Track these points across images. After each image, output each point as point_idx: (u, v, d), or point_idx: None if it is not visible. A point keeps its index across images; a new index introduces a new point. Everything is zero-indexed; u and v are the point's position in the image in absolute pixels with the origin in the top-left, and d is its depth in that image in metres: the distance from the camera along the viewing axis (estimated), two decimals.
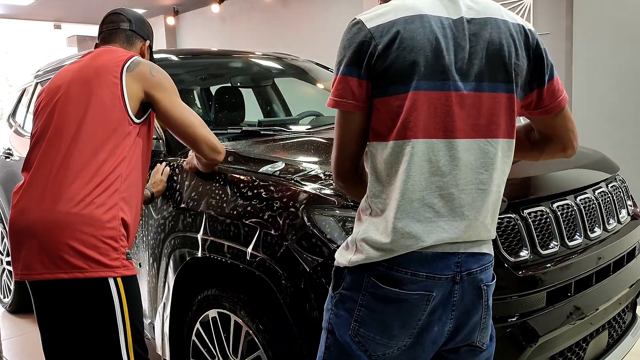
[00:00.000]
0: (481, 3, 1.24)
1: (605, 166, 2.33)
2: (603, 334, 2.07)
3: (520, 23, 1.26)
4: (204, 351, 2.16)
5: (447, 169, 1.18)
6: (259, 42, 8.29)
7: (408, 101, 1.15)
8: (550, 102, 1.29)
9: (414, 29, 1.16)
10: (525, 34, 1.25)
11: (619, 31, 4.51)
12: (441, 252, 1.20)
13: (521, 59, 1.23)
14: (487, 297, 1.28)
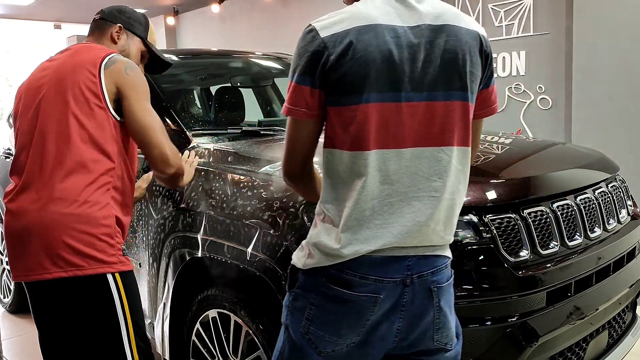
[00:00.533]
0: (439, 10, 1.23)
1: (605, 166, 2.33)
2: (603, 334, 2.07)
3: (476, 30, 1.26)
4: (204, 351, 2.16)
5: (396, 177, 1.21)
6: (259, 42, 8.29)
7: (359, 113, 1.17)
8: (487, 105, 1.34)
9: (367, 40, 1.16)
10: (480, 40, 1.25)
11: (619, 31, 4.51)
12: (391, 255, 1.23)
13: (476, 66, 1.24)
14: (439, 299, 1.29)
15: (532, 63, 5.34)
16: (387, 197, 1.21)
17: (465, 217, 1.70)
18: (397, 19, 1.20)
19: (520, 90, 5.42)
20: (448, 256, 1.32)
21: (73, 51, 1.86)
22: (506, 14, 5.44)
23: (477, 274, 1.67)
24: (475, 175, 1.96)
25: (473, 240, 1.68)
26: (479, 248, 1.68)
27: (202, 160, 2.23)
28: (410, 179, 1.21)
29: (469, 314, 1.66)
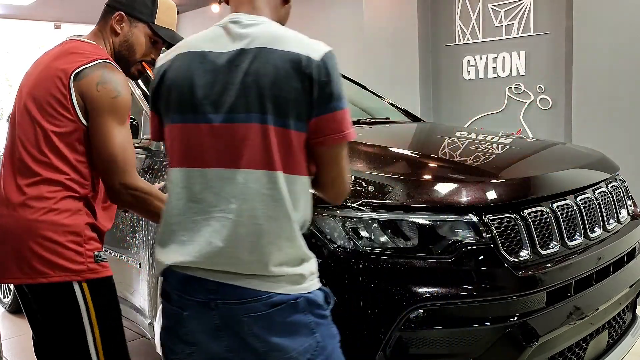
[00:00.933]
0: (259, 34, 1.26)
1: (605, 166, 2.33)
2: (603, 334, 2.07)
3: (296, 52, 1.22)
4: None
5: (201, 196, 1.26)
6: None
7: (169, 132, 1.31)
8: (326, 134, 1.26)
9: (178, 66, 1.29)
10: (299, 63, 1.21)
11: (619, 31, 4.50)
12: (192, 275, 1.27)
13: (286, 90, 1.21)
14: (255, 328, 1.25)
15: (532, 63, 5.34)
16: (194, 215, 1.27)
17: (465, 217, 1.70)
18: (214, 45, 1.27)
19: (520, 90, 5.42)
20: (261, 290, 1.25)
21: (58, 52, 1.79)
22: (506, 14, 5.44)
23: (477, 274, 1.67)
24: (475, 175, 1.96)
25: (473, 240, 1.68)
26: (479, 248, 1.68)
27: None
28: (215, 199, 1.25)
29: (469, 314, 1.66)
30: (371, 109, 3.46)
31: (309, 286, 1.30)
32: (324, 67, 1.23)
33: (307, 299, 1.28)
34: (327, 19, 7.37)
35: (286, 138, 1.23)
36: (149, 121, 2.47)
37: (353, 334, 1.65)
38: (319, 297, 1.32)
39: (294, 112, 1.22)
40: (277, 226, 1.24)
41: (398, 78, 6.07)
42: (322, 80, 1.22)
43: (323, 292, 1.34)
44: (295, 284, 1.27)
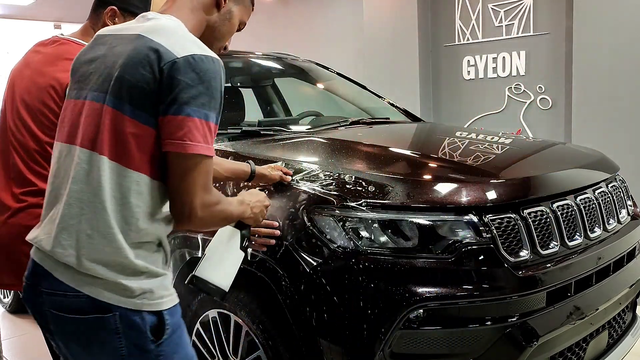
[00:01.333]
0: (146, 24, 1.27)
1: (605, 166, 2.33)
2: (603, 334, 2.07)
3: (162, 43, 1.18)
4: (204, 351, 2.15)
5: (61, 172, 1.24)
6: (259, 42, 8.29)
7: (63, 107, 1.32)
8: (167, 137, 1.17)
9: (85, 49, 1.35)
10: (159, 53, 1.17)
11: (619, 31, 4.50)
12: (32, 257, 1.25)
13: (136, 75, 1.17)
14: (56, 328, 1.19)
15: (532, 63, 5.34)
16: (54, 190, 1.25)
17: (465, 217, 1.70)
18: (118, 30, 1.31)
19: (520, 90, 5.42)
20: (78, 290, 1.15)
21: (50, 56, 1.74)
22: (506, 14, 5.44)
23: (477, 274, 1.67)
24: (475, 175, 1.96)
25: (473, 240, 1.68)
26: (479, 248, 1.68)
27: None
28: (66, 179, 1.22)
29: (469, 314, 1.66)
30: (371, 109, 3.46)
31: (137, 304, 1.18)
32: (185, 66, 1.16)
33: (124, 318, 1.16)
34: (327, 19, 7.37)
35: (120, 123, 1.17)
36: None
37: (353, 334, 1.65)
38: (147, 323, 1.18)
39: (136, 99, 1.17)
40: (93, 216, 1.17)
41: (398, 78, 6.07)
42: (176, 79, 1.15)
43: (158, 321, 1.20)
44: (113, 292, 1.17)
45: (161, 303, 1.22)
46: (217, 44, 1.44)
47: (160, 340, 1.21)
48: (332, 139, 2.52)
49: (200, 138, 1.17)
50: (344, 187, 1.79)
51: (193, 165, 1.18)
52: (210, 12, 1.37)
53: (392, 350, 1.64)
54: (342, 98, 3.63)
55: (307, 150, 2.42)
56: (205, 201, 1.23)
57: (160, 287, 1.23)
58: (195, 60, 1.17)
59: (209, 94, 1.18)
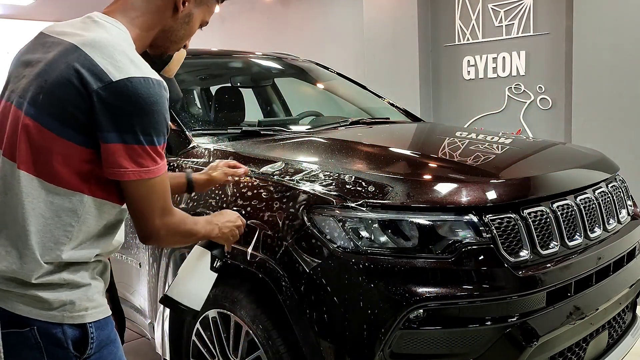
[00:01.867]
0: (88, 33, 1.17)
1: (605, 166, 2.33)
2: (603, 334, 2.07)
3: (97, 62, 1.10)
4: (204, 351, 2.15)
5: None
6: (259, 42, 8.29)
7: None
8: (106, 165, 1.13)
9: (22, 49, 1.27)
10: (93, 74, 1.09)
11: (619, 31, 4.50)
12: None
13: (65, 91, 1.10)
14: None
15: (532, 63, 5.34)
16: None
17: (465, 217, 1.70)
18: (59, 29, 1.22)
19: (520, 90, 5.42)
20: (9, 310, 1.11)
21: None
22: (506, 14, 5.44)
23: (477, 274, 1.67)
24: (475, 175, 1.96)
25: (473, 240, 1.68)
26: (479, 248, 1.68)
27: (202, 161, 2.23)
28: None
29: (469, 314, 1.66)
30: (371, 109, 3.46)
31: (56, 317, 1.13)
32: (122, 91, 1.09)
33: (43, 332, 1.12)
34: (327, 19, 7.37)
35: (40, 136, 1.11)
36: None
37: (353, 334, 1.65)
38: (69, 337, 1.14)
39: (65, 117, 1.10)
40: (5, 228, 1.12)
41: (398, 78, 6.07)
42: (112, 105, 1.08)
43: (81, 334, 1.15)
44: (30, 306, 1.12)
45: (85, 315, 1.17)
46: (173, 47, 1.34)
47: (84, 355, 1.17)
48: (332, 139, 2.52)
49: (148, 163, 1.14)
50: (344, 187, 1.79)
51: (144, 191, 1.16)
52: (166, 15, 1.26)
53: (392, 350, 1.64)
54: (342, 98, 3.63)
55: (307, 150, 2.42)
56: (165, 222, 1.22)
57: (83, 299, 1.17)
58: (132, 83, 1.09)
59: (150, 118, 1.12)
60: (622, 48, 4.50)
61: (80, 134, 1.11)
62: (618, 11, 4.50)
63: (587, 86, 4.71)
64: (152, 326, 2.37)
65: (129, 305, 2.64)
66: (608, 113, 4.63)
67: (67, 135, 1.11)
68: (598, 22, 4.60)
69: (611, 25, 4.53)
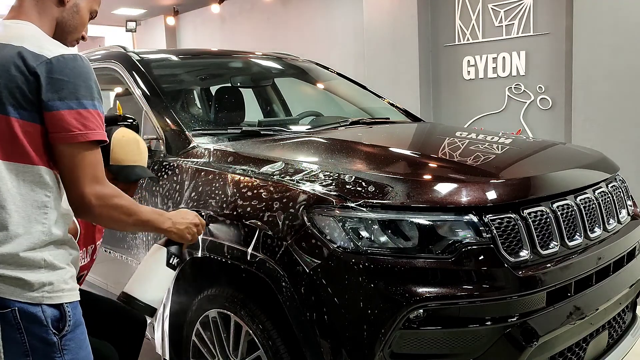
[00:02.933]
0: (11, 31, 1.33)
1: (605, 166, 2.33)
2: (603, 334, 2.07)
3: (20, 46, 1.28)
4: (204, 351, 2.16)
5: None
6: (259, 42, 8.30)
7: None
8: (55, 131, 1.27)
9: None
10: (22, 57, 1.26)
11: (619, 31, 4.50)
12: None
13: (14, 81, 1.25)
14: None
15: (532, 63, 5.34)
16: None
17: (465, 217, 1.70)
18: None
19: (520, 90, 5.42)
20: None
21: None
22: (506, 14, 5.44)
23: (477, 274, 1.67)
24: (475, 175, 1.96)
25: (473, 240, 1.68)
26: (479, 248, 1.68)
27: (203, 160, 2.23)
28: None
29: (469, 314, 1.66)
30: (371, 109, 3.46)
31: (35, 297, 1.22)
32: (57, 65, 1.26)
33: (23, 312, 1.20)
34: (327, 19, 7.37)
35: (7, 124, 1.25)
36: (149, 121, 2.48)
37: (353, 334, 1.65)
38: (48, 315, 1.23)
39: (18, 100, 1.25)
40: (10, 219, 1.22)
41: (398, 78, 6.07)
42: (51, 78, 1.25)
43: (59, 313, 1.25)
44: (10, 287, 1.21)
45: (62, 296, 1.26)
46: (70, 37, 1.49)
47: (62, 333, 1.25)
48: (332, 139, 2.52)
49: (94, 125, 1.29)
50: (344, 187, 1.79)
51: (79, 155, 1.28)
52: (56, 10, 1.43)
53: (392, 350, 1.64)
54: (342, 98, 3.63)
55: (307, 150, 2.42)
56: (98, 192, 1.31)
57: (60, 281, 1.26)
58: (65, 58, 1.28)
59: (84, 86, 1.28)
60: (622, 48, 4.50)
61: (36, 112, 1.26)
62: (618, 11, 4.50)
63: (587, 86, 4.71)
64: (152, 326, 2.38)
65: None
66: (608, 113, 4.63)
67: (25, 116, 1.25)
68: (598, 22, 4.60)
69: (611, 25, 4.53)
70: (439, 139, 2.82)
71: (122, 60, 2.78)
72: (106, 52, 3.00)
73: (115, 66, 2.77)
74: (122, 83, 2.73)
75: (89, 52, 3.22)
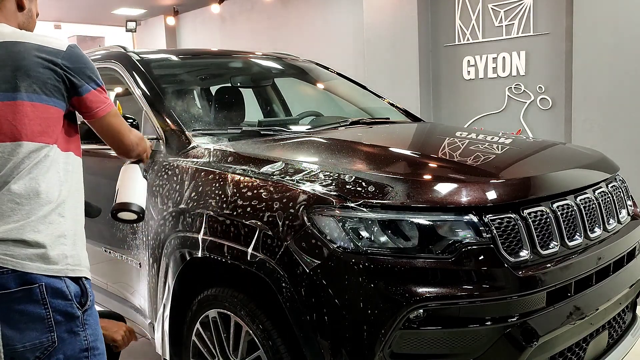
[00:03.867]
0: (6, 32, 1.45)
1: (605, 166, 2.33)
2: (603, 334, 2.07)
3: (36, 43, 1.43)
4: (204, 351, 2.16)
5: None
6: (259, 42, 8.30)
7: None
8: (85, 111, 1.52)
9: None
10: (47, 51, 1.43)
11: (619, 31, 4.50)
12: None
13: (34, 71, 1.40)
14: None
15: (532, 63, 5.34)
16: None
17: (465, 217, 1.70)
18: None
19: (520, 90, 5.42)
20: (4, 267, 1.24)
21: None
22: (506, 14, 5.44)
23: (477, 274, 1.67)
24: (475, 175, 1.96)
25: (473, 241, 1.68)
26: (479, 248, 1.68)
27: (203, 160, 2.23)
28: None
29: (469, 314, 1.66)
30: (371, 109, 3.46)
31: (59, 270, 1.28)
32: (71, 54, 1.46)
33: (48, 287, 1.24)
34: (327, 19, 7.37)
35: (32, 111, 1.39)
36: (149, 121, 2.48)
37: (353, 334, 1.65)
38: (71, 289, 1.28)
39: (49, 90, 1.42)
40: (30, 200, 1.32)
41: (398, 78, 6.07)
42: (73, 67, 1.46)
43: (81, 289, 1.30)
44: (35, 262, 1.25)
45: (81, 270, 1.33)
46: None
47: (84, 307, 1.32)
48: (332, 139, 2.52)
49: (106, 98, 1.55)
50: (344, 187, 1.79)
51: (111, 121, 1.58)
52: (19, 15, 1.58)
53: (392, 350, 1.64)
54: (342, 98, 3.63)
55: (307, 150, 2.42)
56: (134, 137, 1.72)
57: (79, 256, 1.35)
58: (72, 48, 1.48)
59: (93, 68, 1.52)
60: (622, 48, 4.50)
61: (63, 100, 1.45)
62: (618, 11, 4.50)
63: (587, 86, 4.71)
64: (152, 326, 2.38)
65: (129, 305, 2.64)
66: (608, 113, 4.63)
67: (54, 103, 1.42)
68: (598, 22, 4.60)
69: (611, 25, 4.53)
70: (439, 139, 2.82)
71: (122, 60, 2.78)
72: (106, 52, 3.00)
73: (116, 66, 2.77)
74: (122, 83, 2.73)
75: (89, 52, 3.22)
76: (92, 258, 2.88)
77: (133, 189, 1.91)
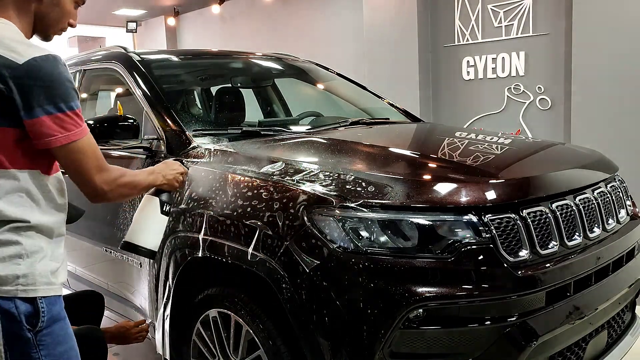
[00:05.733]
0: None
1: (605, 166, 2.34)
2: (602, 334, 2.07)
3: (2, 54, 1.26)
4: (205, 351, 2.16)
5: None
6: (259, 42, 8.30)
7: None
8: (36, 138, 1.30)
9: None
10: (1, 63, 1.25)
11: (618, 32, 4.51)
12: None
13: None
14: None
15: (531, 63, 5.34)
16: None
17: (465, 217, 1.71)
18: None
19: (520, 90, 5.43)
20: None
21: None
22: (506, 14, 5.44)
23: (477, 273, 1.67)
24: (475, 175, 1.97)
25: (473, 240, 1.69)
26: (478, 248, 1.68)
27: (203, 161, 2.23)
28: None
29: (469, 314, 1.66)
30: (371, 109, 3.46)
31: (9, 291, 1.23)
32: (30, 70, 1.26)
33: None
34: (327, 19, 7.37)
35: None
36: (149, 121, 2.48)
37: (353, 333, 1.66)
38: (20, 310, 1.23)
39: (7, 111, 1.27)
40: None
41: (398, 78, 6.07)
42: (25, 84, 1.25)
43: (33, 309, 1.25)
44: None
45: (37, 290, 1.26)
46: (52, 30, 1.47)
47: (36, 328, 1.25)
48: (332, 139, 2.52)
49: (73, 127, 1.31)
50: (344, 187, 1.79)
51: (76, 153, 1.33)
52: (34, 4, 1.41)
53: (392, 349, 1.65)
54: (342, 98, 3.63)
55: (307, 150, 2.42)
56: (104, 178, 1.40)
57: (35, 274, 1.26)
58: (37, 62, 1.26)
59: (60, 87, 1.28)
60: (622, 48, 4.50)
61: (12, 119, 1.26)
62: (618, 11, 4.50)
63: (587, 86, 4.72)
64: (153, 326, 2.38)
65: (129, 305, 2.64)
66: (608, 113, 4.64)
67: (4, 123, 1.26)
68: (598, 22, 4.60)
69: (611, 25, 4.54)
70: (439, 139, 2.83)
71: (123, 60, 2.78)
72: (107, 53, 3.00)
73: (116, 67, 2.78)
74: (123, 83, 2.74)
75: (90, 52, 3.23)
76: (92, 258, 2.90)
77: (146, 229, 1.82)
